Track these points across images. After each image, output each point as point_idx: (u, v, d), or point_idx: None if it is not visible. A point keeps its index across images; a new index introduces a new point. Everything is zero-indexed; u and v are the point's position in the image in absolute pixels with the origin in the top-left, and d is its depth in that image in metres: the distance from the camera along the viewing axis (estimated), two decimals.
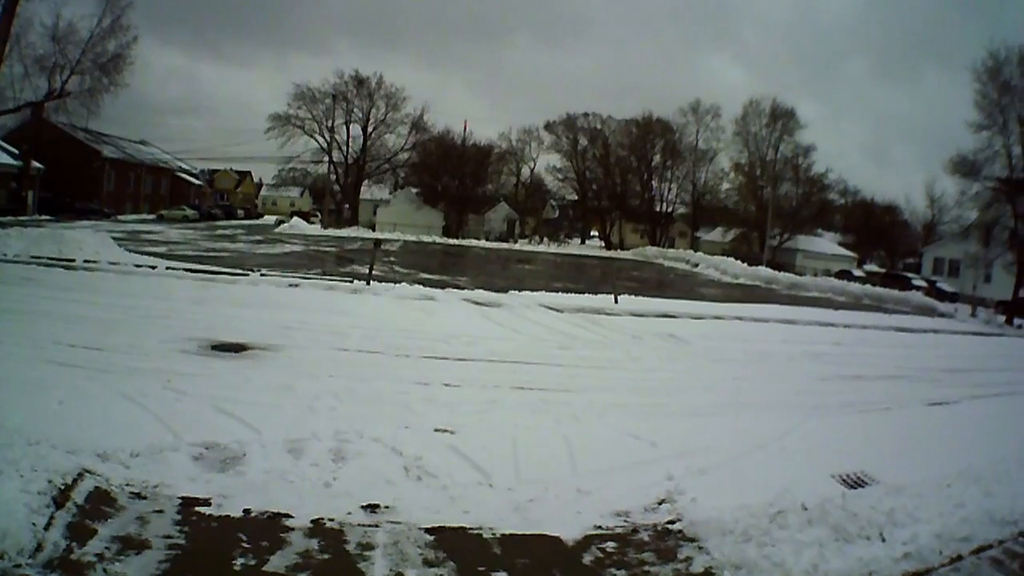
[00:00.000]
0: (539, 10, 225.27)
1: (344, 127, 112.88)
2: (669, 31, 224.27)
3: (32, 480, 9.24)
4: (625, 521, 10.05)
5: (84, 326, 20.88)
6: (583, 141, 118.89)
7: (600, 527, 9.81)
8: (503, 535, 9.42)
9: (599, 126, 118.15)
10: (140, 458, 11.13)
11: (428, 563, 8.64)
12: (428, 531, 9.39)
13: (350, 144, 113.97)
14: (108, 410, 13.29)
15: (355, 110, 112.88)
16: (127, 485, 10.13)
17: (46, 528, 8.52)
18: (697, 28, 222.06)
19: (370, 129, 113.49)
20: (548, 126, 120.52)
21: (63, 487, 9.48)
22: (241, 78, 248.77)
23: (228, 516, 9.58)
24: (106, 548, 8.39)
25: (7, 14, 30.66)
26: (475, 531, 9.51)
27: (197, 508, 9.70)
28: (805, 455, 13.29)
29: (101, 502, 9.50)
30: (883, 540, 8.90)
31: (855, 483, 11.67)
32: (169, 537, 8.85)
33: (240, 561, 8.47)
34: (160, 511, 9.50)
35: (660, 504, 10.62)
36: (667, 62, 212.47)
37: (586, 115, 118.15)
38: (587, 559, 8.98)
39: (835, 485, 11.46)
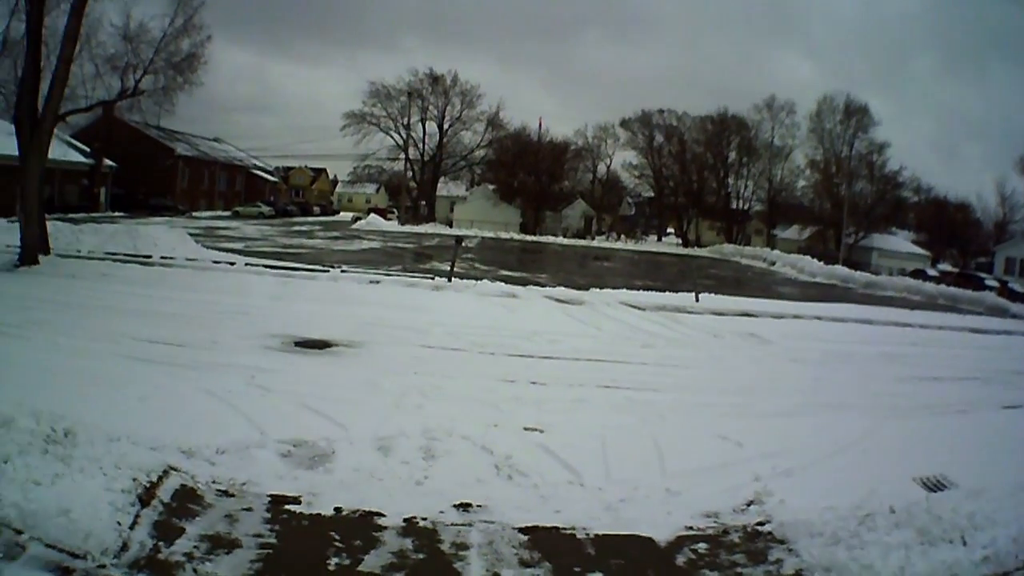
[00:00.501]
0: (607, 7, 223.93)
1: (420, 124, 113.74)
2: (737, 27, 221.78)
3: (116, 478, 9.22)
4: (715, 522, 10.11)
5: (162, 322, 21.36)
6: (659, 138, 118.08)
7: (691, 528, 9.88)
8: (596, 535, 9.47)
9: (674, 123, 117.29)
10: (226, 455, 11.23)
11: (524, 563, 8.69)
12: (522, 531, 9.45)
13: (426, 141, 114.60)
14: (191, 406, 13.52)
15: (431, 107, 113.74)
16: (214, 482, 10.20)
17: (132, 527, 8.51)
18: (765, 23, 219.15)
19: (446, 126, 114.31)
20: (624, 123, 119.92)
21: (148, 485, 9.46)
22: (311, 76, 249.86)
23: (319, 514, 9.64)
24: (195, 547, 8.43)
25: (75, 14, 31.11)
26: (568, 531, 9.56)
27: (287, 506, 9.76)
28: (886, 457, 13.28)
29: (188, 500, 9.53)
30: (964, 544, 8.88)
31: (935, 486, 11.61)
32: (260, 536, 8.89)
33: (334, 561, 8.48)
34: (249, 509, 9.57)
35: (749, 505, 10.67)
36: (736, 58, 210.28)
37: (661, 112, 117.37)
38: (680, 560, 9.05)
39: (916, 488, 11.37)
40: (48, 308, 22.27)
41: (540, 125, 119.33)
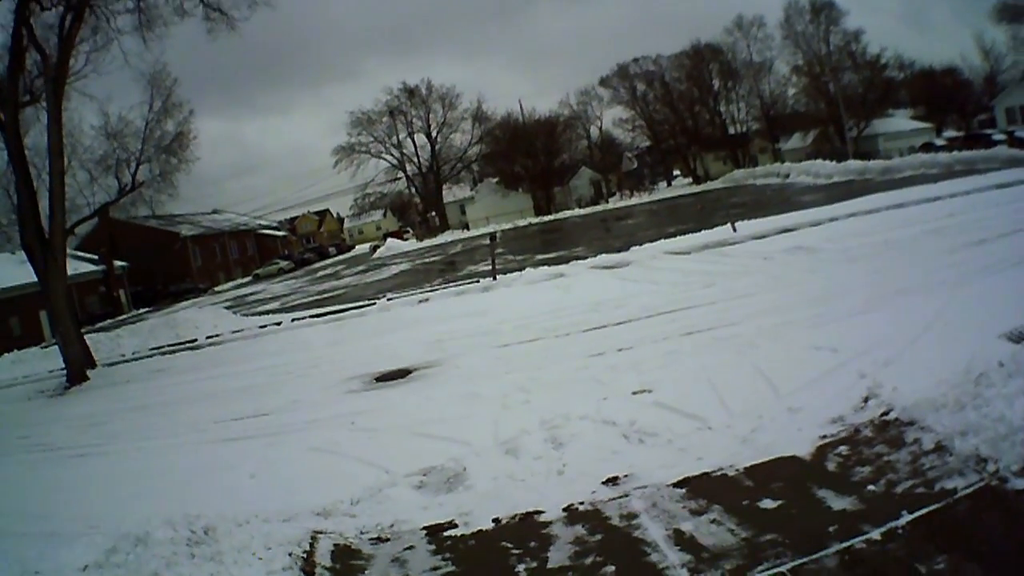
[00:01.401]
0: None
1: (409, 139, 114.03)
2: None
3: (271, 559, 9.16)
4: (844, 425, 10.60)
5: (235, 398, 21.23)
6: (641, 86, 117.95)
7: (825, 436, 10.36)
8: (745, 468, 9.88)
9: (652, 67, 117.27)
10: (362, 504, 11.22)
11: (695, 512, 8.99)
12: (676, 486, 9.77)
13: (419, 154, 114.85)
14: (304, 468, 13.53)
15: (414, 120, 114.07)
16: (363, 532, 10.20)
17: None
18: None
19: (434, 134, 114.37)
20: (603, 81, 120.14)
21: (304, 554, 9.39)
22: (283, 124, 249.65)
23: (481, 531, 9.73)
24: None
25: (55, 127, 31.36)
26: (719, 473, 9.93)
27: (445, 533, 9.82)
28: (968, 324, 13.58)
29: (348, 557, 9.54)
30: None
31: (1020, 337, 11.96)
32: (437, 568, 8.96)
33: (522, 568, 8.58)
34: (411, 547, 9.60)
35: (866, 401, 11.11)
36: None
37: (636, 60, 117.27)
38: (831, 467, 9.50)
39: (1005, 343, 11.68)
40: (117, 419, 21.99)
41: (521, 107, 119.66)
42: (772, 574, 7.37)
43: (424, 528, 10.03)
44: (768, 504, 8.88)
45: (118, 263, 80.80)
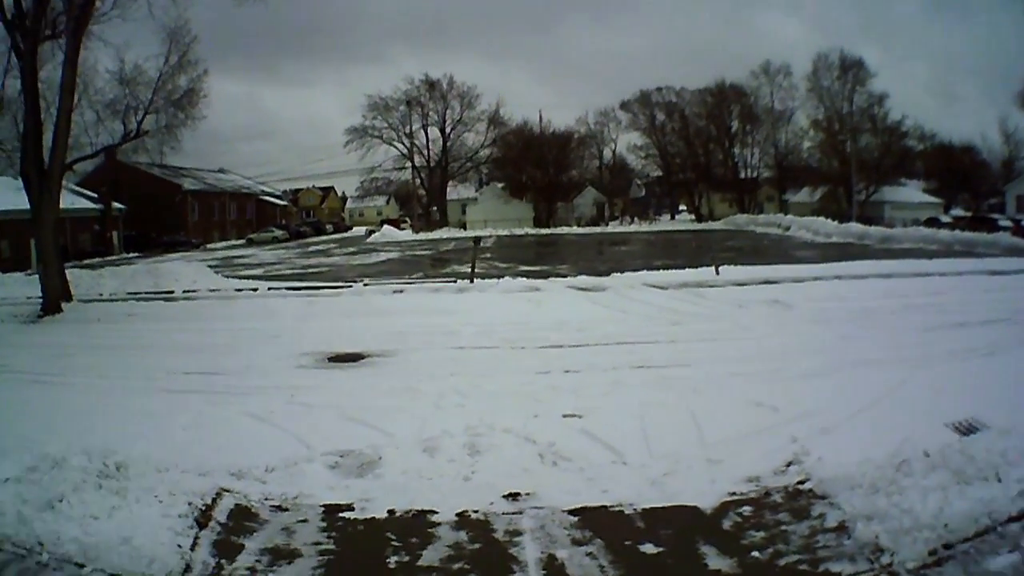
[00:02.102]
0: None
1: (422, 131, 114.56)
2: None
3: (171, 504, 9.61)
4: (757, 485, 10.47)
5: (194, 353, 21.78)
6: (660, 116, 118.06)
7: (734, 493, 10.24)
8: (643, 509, 9.85)
9: (674, 99, 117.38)
10: (275, 473, 11.61)
11: (576, 543, 9.03)
12: (571, 513, 9.80)
13: (430, 147, 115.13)
14: (235, 430, 13.94)
15: (430, 113, 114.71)
16: (267, 499, 10.61)
17: (192, 548, 8.95)
18: None
19: (448, 130, 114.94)
20: (624, 105, 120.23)
21: (204, 508, 9.85)
22: (304, 97, 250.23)
23: (373, 518, 10.05)
24: (256, 561, 8.90)
25: (70, 66, 31.55)
26: (616, 508, 9.94)
27: (341, 514, 10.17)
28: (918, 406, 13.38)
29: (243, 518, 9.96)
30: (999, 480, 9.14)
31: (967, 429, 11.71)
32: (318, 544, 9.34)
33: (394, 559, 8.89)
34: (304, 520, 10.00)
35: (788, 466, 10.99)
36: (723, 25, 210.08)
37: (659, 89, 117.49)
38: (726, 525, 9.40)
39: (949, 433, 11.53)
40: (79, 353, 22.65)
41: (540, 118, 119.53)
42: None
43: (323, 506, 10.42)
44: (649, 549, 8.88)
45: (117, 205, 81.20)
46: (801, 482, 10.39)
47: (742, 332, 22.23)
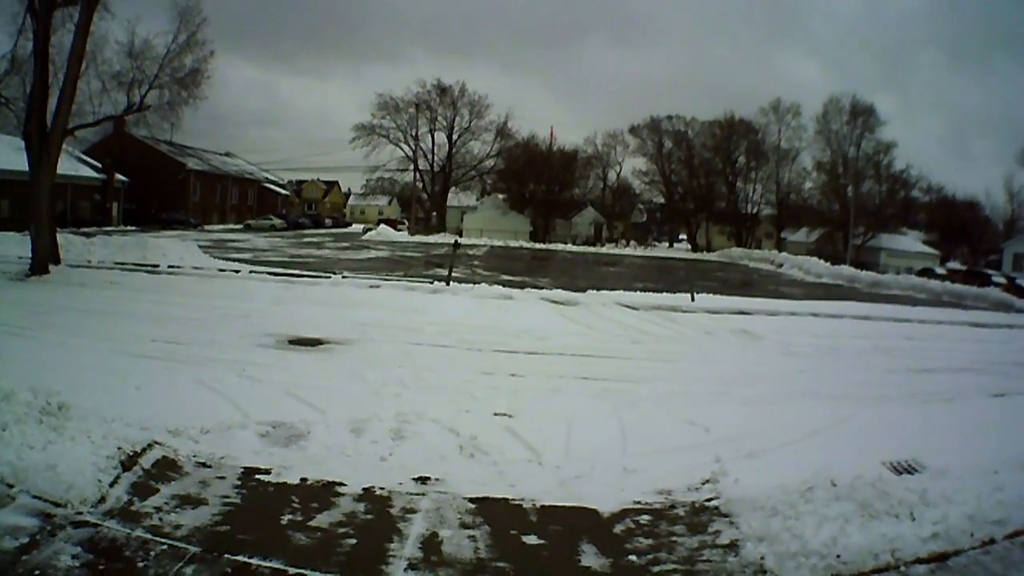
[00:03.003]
0: (608, 12, 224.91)
1: (429, 135, 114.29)
2: (740, 28, 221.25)
3: (102, 446, 10.44)
4: (665, 498, 10.49)
5: (164, 324, 22.27)
6: (668, 143, 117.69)
7: (639, 502, 10.30)
8: (542, 506, 10.05)
9: (683, 128, 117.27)
10: (209, 435, 12.24)
11: (464, 526, 9.43)
12: (471, 500, 10.17)
13: (435, 152, 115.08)
14: (183, 395, 14.53)
15: (439, 118, 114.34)
16: (194, 456, 11.27)
17: (111, 485, 9.75)
18: (768, 24, 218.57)
19: (455, 137, 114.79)
20: (633, 129, 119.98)
21: (132, 454, 10.66)
22: (318, 89, 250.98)
23: (285, 483, 10.59)
24: (165, 503, 9.56)
25: (81, 34, 31.95)
26: (516, 502, 10.17)
27: (257, 476, 10.76)
28: (858, 441, 13.35)
29: (167, 468, 10.66)
30: (912, 519, 9.02)
31: (905, 469, 11.62)
32: (226, 497, 9.96)
33: (288, 518, 9.46)
34: (222, 477, 10.64)
35: (704, 484, 10.99)
36: (741, 60, 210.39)
37: (670, 117, 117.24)
38: (618, 529, 9.50)
39: (884, 470, 11.30)
40: (57, 313, 23.56)
41: (552, 134, 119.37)
42: None
43: (243, 467, 11.04)
44: (531, 540, 9.18)
45: (120, 177, 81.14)
46: (709, 499, 10.40)
47: (700, 356, 22.23)
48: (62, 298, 26.60)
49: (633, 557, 8.75)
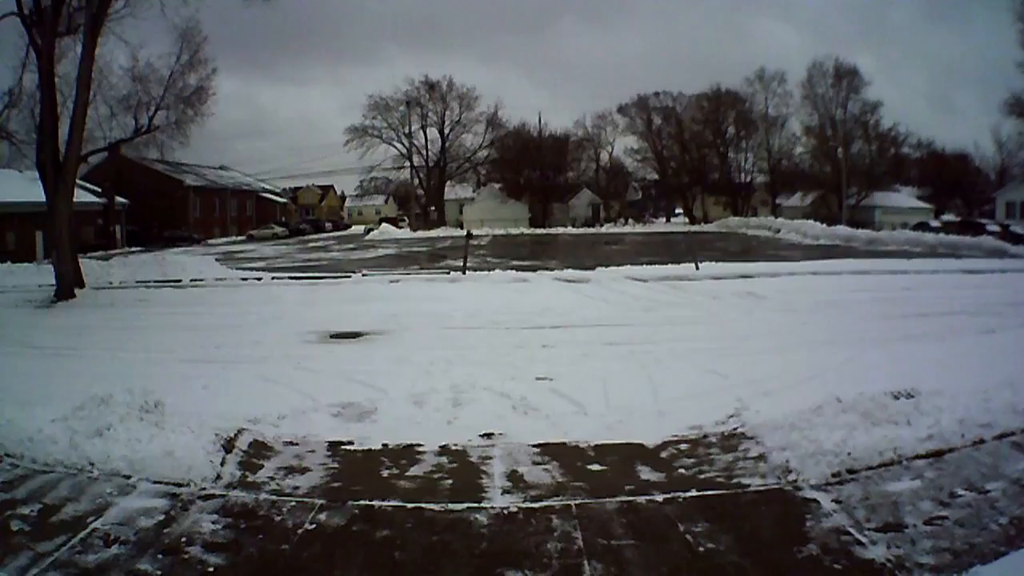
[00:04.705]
0: None
1: (421, 131, 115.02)
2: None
3: (201, 435, 11.55)
4: (699, 431, 12.13)
5: (206, 332, 23.39)
6: (657, 120, 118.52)
7: (677, 436, 11.96)
8: (596, 444, 11.75)
9: (670, 104, 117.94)
10: (286, 419, 13.43)
11: (536, 463, 11.05)
12: (535, 446, 11.75)
13: (429, 147, 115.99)
14: (250, 389, 15.72)
15: (430, 114, 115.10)
16: (280, 437, 12.47)
17: (222, 464, 10.97)
18: None
19: (447, 131, 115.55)
20: (621, 109, 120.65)
21: (228, 439, 11.78)
22: (298, 96, 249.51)
23: (370, 449, 12.00)
24: (274, 474, 10.91)
25: (87, 61, 32.82)
26: (573, 444, 11.84)
27: (343, 447, 12.11)
28: (860, 377, 14.07)
29: (261, 449, 11.87)
30: (909, 424, 10.66)
31: (903, 395, 12.29)
32: (324, 464, 11.34)
33: (386, 472, 10.97)
34: (312, 450, 11.95)
35: (729, 418, 12.60)
36: (714, 30, 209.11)
37: (657, 94, 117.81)
38: (663, 454, 11.23)
39: (886, 398, 12.17)
40: (97, 332, 24.24)
41: (540, 120, 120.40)
42: (561, 503, 9.36)
43: (327, 442, 12.30)
44: (595, 467, 10.86)
45: (120, 199, 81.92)
46: (735, 429, 12.03)
47: (710, 318, 23.81)
48: (96, 319, 27.32)
49: (682, 470, 10.51)
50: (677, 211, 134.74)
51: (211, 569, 8.05)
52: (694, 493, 9.52)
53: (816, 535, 8.23)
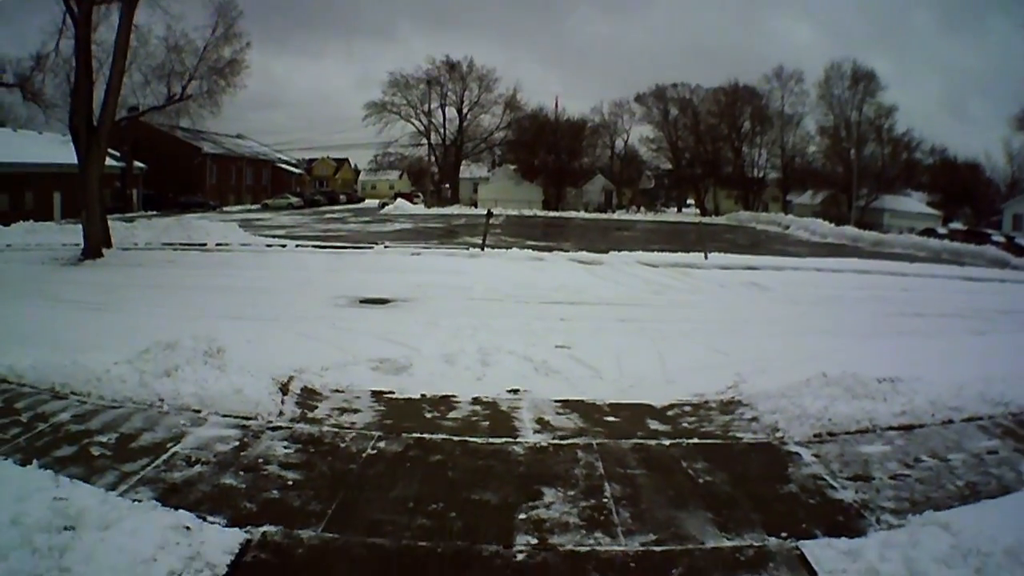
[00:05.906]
0: None
1: (440, 110, 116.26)
2: None
3: (259, 378, 13.04)
4: (701, 397, 13.76)
5: (239, 293, 24.80)
6: (673, 111, 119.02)
7: (681, 400, 13.61)
8: (611, 403, 13.39)
9: (688, 95, 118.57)
10: (329, 371, 14.79)
11: (559, 413, 12.76)
12: (557, 401, 13.40)
13: (446, 126, 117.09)
14: (292, 343, 17.23)
15: (449, 93, 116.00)
16: (326, 385, 13.97)
17: (282, 403, 12.56)
18: None
19: (465, 111, 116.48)
20: (639, 98, 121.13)
21: (283, 384, 13.35)
22: (313, 69, 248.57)
23: (410, 398, 13.56)
24: (329, 412, 12.53)
25: (124, 30, 33.52)
26: (591, 401, 13.46)
27: (385, 396, 13.62)
28: (850, 364, 14.90)
29: (312, 394, 13.45)
30: (885, 400, 12.31)
31: (886, 380, 13.56)
32: (372, 407, 12.94)
33: (429, 415, 12.65)
34: (358, 397, 13.50)
35: (728, 388, 14.24)
36: (732, 25, 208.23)
37: (675, 85, 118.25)
38: (670, 413, 12.90)
39: (876, 383, 13.60)
40: (130, 290, 25.59)
41: (556, 104, 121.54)
42: (584, 442, 11.10)
43: (371, 391, 13.85)
44: (610, 419, 12.58)
45: (138, 164, 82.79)
46: (733, 396, 13.73)
47: (716, 303, 25.36)
48: (125, 278, 28.44)
49: (685, 425, 12.27)
50: (688, 202, 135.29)
51: (290, 482, 9.53)
52: (695, 441, 11.30)
53: (796, 479, 9.92)
